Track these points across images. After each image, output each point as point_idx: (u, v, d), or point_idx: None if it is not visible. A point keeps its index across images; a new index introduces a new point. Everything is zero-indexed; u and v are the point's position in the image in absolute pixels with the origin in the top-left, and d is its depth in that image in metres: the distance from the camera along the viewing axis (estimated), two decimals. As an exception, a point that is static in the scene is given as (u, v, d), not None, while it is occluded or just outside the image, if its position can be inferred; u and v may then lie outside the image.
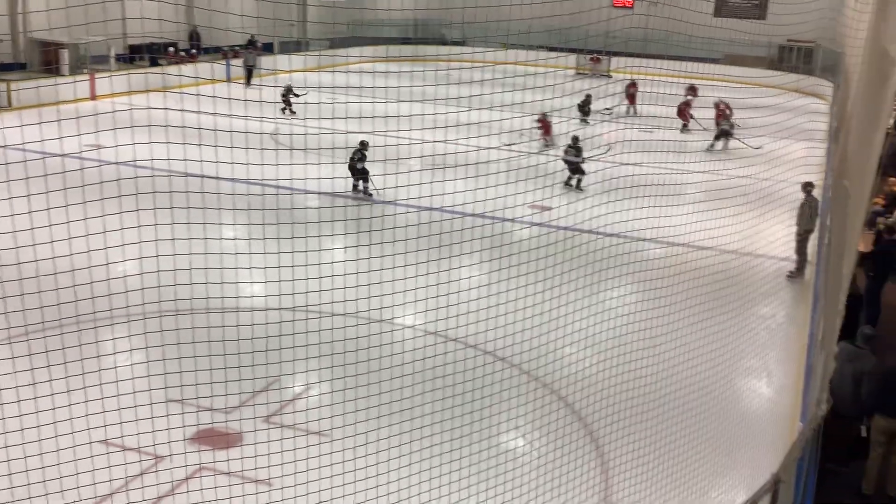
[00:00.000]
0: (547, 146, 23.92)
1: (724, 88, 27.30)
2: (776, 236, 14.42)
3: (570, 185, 19.65)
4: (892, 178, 18.02)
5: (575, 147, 19.70)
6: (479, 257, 12.91)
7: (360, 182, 18.12)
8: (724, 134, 25.44)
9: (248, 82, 32.56)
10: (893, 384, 7.93)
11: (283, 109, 26.69)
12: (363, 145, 17.95)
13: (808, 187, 14.59)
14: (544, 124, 24.25)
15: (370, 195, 17.99)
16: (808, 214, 14.40)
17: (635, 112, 30.43)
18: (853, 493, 8.10)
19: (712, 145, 25.32)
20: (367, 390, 7.38)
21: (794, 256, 14.69)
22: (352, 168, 18.03)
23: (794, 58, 41.47)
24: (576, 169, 19.63)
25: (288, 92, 26.63)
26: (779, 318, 12.98)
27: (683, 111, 27.87)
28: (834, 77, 32.43)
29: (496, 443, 8.66)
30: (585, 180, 19.57)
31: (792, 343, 11.76)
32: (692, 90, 29.93)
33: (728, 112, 26.67)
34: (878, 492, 8.07)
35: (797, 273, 14.59)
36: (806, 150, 18.97)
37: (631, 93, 30.44)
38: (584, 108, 28.17)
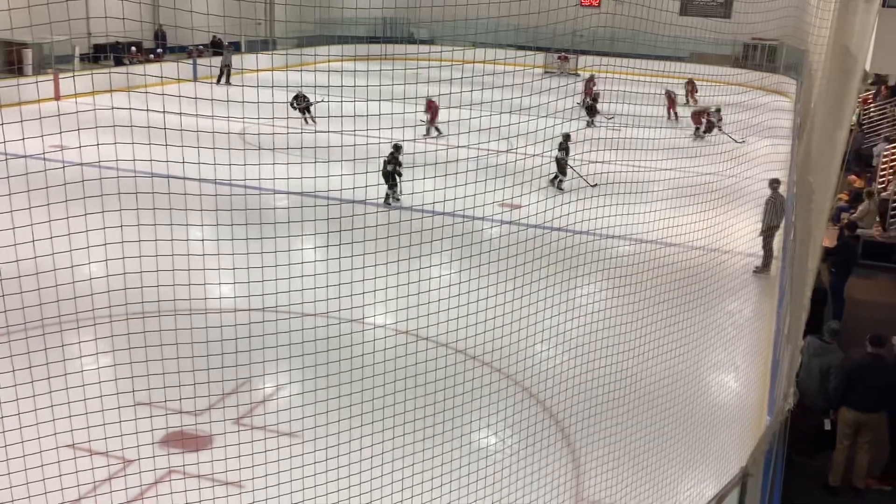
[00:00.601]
0: (429, 133, 23.62)
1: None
2: (743, 232, 14.59)
3: (553, 184, 19.75)
4: (853, 176, 18.35)
5: (565, 146, 19.61)
6: (450, 256, 12.92)
7: (388, 187, 17.44)
8: (711, 125, 26.10)
9: (226, 80, 32.39)
10: (859, 377, 8.07)
11: (306, 119, 25.35)
12: (396, 149, 17.22)
13: (774, 184, 14.77)
14: (431, 107, 23.77)
15: (397, 199, 17.45)
16: (773, 211, 14.59)
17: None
18: (820, 485, 8.24)
19: (702, 136, 25.96)
20: (338, 390, 7.36)
21: (761, 252, 14.88)
22: (383, 173, 17.39)
23: (759, 56, 42.02)
24: (559, 168, 19.69)
25: (300, 99, 25.17)
26: (746, 313, 13.14)
27: (696, 116, 28.03)
28: (797, 74, 32.90)
29: (468, 441, 8.68)
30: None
31: (759, 338, 11.90)
32: (691, 84, 30.23)
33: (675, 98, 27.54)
34: (844, 483, 8.21)
35: (763, 269, 14.79)
36: (770, 147, 19.22)
37: (590, 88, 30.55)
38: (591, 109, 27.66)
